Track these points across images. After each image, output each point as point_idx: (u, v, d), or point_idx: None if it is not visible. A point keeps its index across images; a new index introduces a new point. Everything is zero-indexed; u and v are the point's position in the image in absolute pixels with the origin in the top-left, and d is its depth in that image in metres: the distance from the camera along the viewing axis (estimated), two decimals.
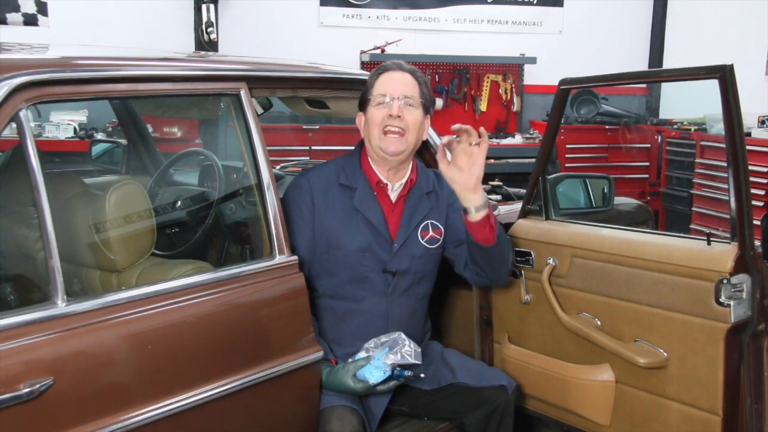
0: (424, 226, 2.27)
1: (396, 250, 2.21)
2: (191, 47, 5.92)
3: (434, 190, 2.33)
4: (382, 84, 2.19)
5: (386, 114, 2.15)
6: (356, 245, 2.18)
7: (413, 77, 2.20)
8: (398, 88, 2.17)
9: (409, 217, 2.25)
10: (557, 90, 2.41)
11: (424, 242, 2.26)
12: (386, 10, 6.64)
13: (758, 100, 5.51)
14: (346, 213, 2.20)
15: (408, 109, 2.16)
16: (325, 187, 2.22)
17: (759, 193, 4.87)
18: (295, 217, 2.18)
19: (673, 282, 2.10)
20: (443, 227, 2.30)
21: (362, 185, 2.22)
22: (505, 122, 6.97)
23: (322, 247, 2.18)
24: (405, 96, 2.16)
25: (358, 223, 2.19)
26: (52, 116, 5.13)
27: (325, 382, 2.08)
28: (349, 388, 2.05)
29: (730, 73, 1.93)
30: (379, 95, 2.17)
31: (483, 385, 2.22)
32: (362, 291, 2.21)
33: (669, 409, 2.15)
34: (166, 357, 1.76)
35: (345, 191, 2.22)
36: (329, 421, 2.02)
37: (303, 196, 2.20)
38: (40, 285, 1.74)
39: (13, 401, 1.47)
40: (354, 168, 2.25)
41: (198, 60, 2.46)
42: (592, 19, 7.15)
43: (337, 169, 2.25)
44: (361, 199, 2.21)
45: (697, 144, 5.82)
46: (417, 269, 2.26)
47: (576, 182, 2.99)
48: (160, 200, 2.64)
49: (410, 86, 2.19)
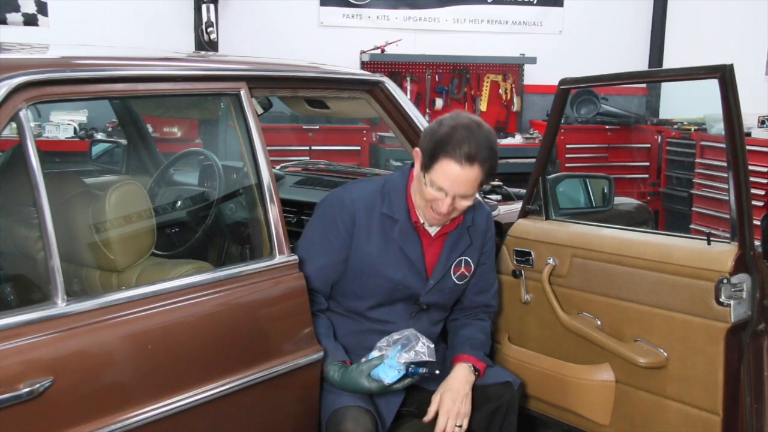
0: (458, 262, 2.22)
1: (431, 287, 2.19)
2: (191, 47, 5.92)
3: (474, 223, 2.25)
4: (442, 172, 1.97)
5: (436, 200, 2.02)
6: (391, 277, 2.14)
7: (480, 168, 1.97)
8: (457, 187, 1.98)
9: (448, 256, 2.20)
10: (557, 90, 2.41)
11: (455, 278, 2.23)
12: (386, 10, 6.63)
13: (758, 100, 5.50)
14: (384, 242, 2.13)
15: (461, 200, 2.03)
16: (369, 210, 2.12)
17: (759, 193, 4.87)
18: (329, 233, 2.11)
19: (673, 282, 2.10)
20: (474, 266, 2.26)
21: (404, 218, 2.14)
22: (505, 122, 6.97)
23: (354, 271, 2.13)
24: (462, 194, 2.01)
25: (395, 255, 2.14)
26: (52, 116, 5.12)
27: (339, 383, 2.04)
28: (364, 388, 2.01)
29: (730, 73, 1.93)
30: (436, 184, 1.99)
31: (488, 383, 2.22)
32: (385, 315, 2.19)
33: (669, 408, 2.15)
34: (166, 357, 1.76)
35: (386, 220, 2.13)
36: (343, 421, 1.99)
37: (344, 215, 2.11)
38: (40, 285, 1.75)
39: (12, 401, 1.47)
40: (399, 198, 2.14)
41: (198, 60, 2.46)
42: (592, 19, 7.15)
43: (383, 194, 2.14)
44: (402, 232, 2.13)
45: (697, 144, 5.82)
46: (442, 302, 2.25)
47: (576, 182, 2.98)
48: (160, 200, 2.64)
49: (473, 182, 1.99)
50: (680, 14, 7.12)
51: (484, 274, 2.33)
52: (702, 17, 6.82)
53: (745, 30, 6.16)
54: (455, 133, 1.97)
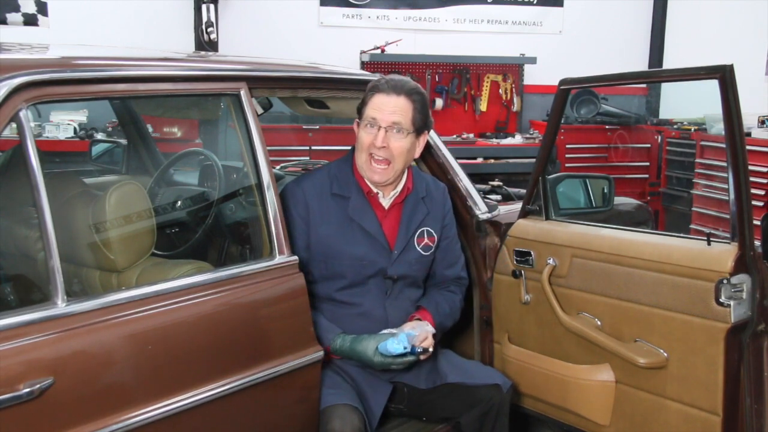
0: (420, 233, 2.29)
1: (396, 258, 2.23)
2: (191, 47, 5.91)
3: (429, 194, 2.34)
4: (373, 105, 2.16)
5: (372, 140, 2.14)
6: (354, 254, 2.19)
7: (408, 100, 2.16)
8: (387, 115, 2.14)
9: (407, 225, 2.27)
10: (557, 90, 2.41)
11: (420, 249, 2.29)
12: (386, 10, 6.63)
13: (758, 100, 5.50)
14: (341, 222, 2.20)
15: (395, 137, 2.15)
16: (319, 196, 2.21)
17: (759, 193, 4.87)
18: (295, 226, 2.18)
19: (673, 282, 2.10)
20: (437, 236, 2.33)
21: (355, 194, 2.22)
22: (505, 122, 6.97)
23: (318, 255, 2.19)
24: (394, 122, 2.14)
25: (354, 232, 2.20)
26: (52, 116, 5.12)
27: (349, 349, 2.11)
28: (368, 358, 2.09)
29: (730, 73, 1.93)
30: (369, 117, 2.15)
31: (478, 384, 2.25)
32: (360, 296, 2.22)
33: (669, 409, 2.15)
34: (166, 357, 1.76)
35: (339, 200, 2.21)
36: (331, 419, 2.02)
37: (297, 205, 2.20)
38: (40, 285, 1.75)
39: (12, 401, 1.47)
40: (347, 176, 2.24)
41: (198, 60, 2.46)
42: (592, 19, 7.14)
43: (330, 177, 2.25)
44: (355, 208, 2.21)
45: (697, 144, 5.81)
46: (413, 274, 2.29)
47: (576, 182, 2.98)
48: (160, 200, 2.64)
49: (402, 112, 2.15)
50: (680, 14, 7.12)
51: (450, 247, 2.40)
52: (702, 17, 6.82)
53: (745, 30, 6.16)
54: (382, 78, 2.22)
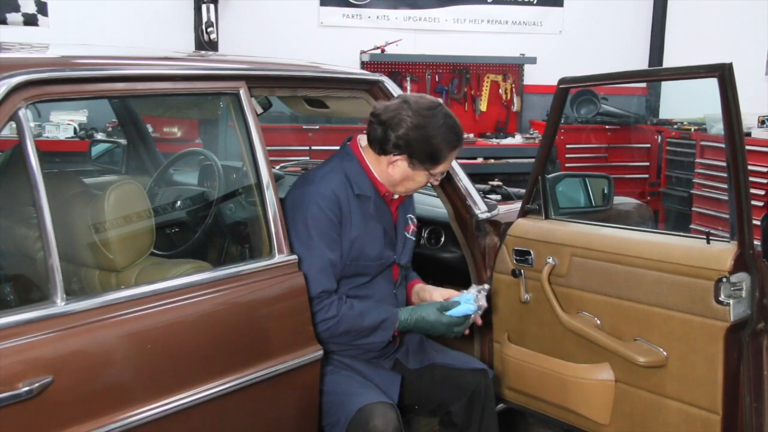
0: (407, 220, 2.38)
1: (402, 249, 2.32)
2: (191, 47, 5.92)
3: None
4: (451, 160, 2.22)
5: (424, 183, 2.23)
6: (378, 253, 2.23)
7: None
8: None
9: (403, 217, 2.35)
10: (556, 89, 2.41)
11: (409, 235, 2.37)
12: (386, 10, 6.64)
13: (758, 100, 5.51)
14: (364, 222, 2.20)
15: None
16: (346, 197, 2.18)
17: (759, 193, 4.87)
18: (331, 231, 2.12)
19: (673, 281, 2.10)
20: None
21: (374, 194, 2.23)
22: (505, 122, 6.98)
23: (349, 256, 2.17)
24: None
25: (376, 231, 2.23)
26: (52, 116, 5.13)
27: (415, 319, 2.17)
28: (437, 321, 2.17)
29: (729, 71, 1.93)
30: (440, 171, 2.21)
31: (464, 367, 2.32)
32: (372, 288, 2.25)
33: (668, 407, 2.15)
34: (166, 356, 1.75)
35: (360, 200, 2.20)
36: (372, 417, 2.00)
37: (333, 208, 2.13)
38: (39, 284, 1.75)
39: (11, 400, 1.47)
40: (362, 178, 2.22)
41: (197, 59, 2.46)
42: (592, 19, 7.15)
43: (347, 178, 2.20)
44: (377, 207, 2.23)
45: (697, 144, 5.82)
46: (408, 260, 2.38)
47: (575, 181, 2.99)
48: (159, 200, 2.64)
49: None
50: (680, 14, 7.13)
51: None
52: (702, 17, 6.83)
53: (745, 30, 6.16)
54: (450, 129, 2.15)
